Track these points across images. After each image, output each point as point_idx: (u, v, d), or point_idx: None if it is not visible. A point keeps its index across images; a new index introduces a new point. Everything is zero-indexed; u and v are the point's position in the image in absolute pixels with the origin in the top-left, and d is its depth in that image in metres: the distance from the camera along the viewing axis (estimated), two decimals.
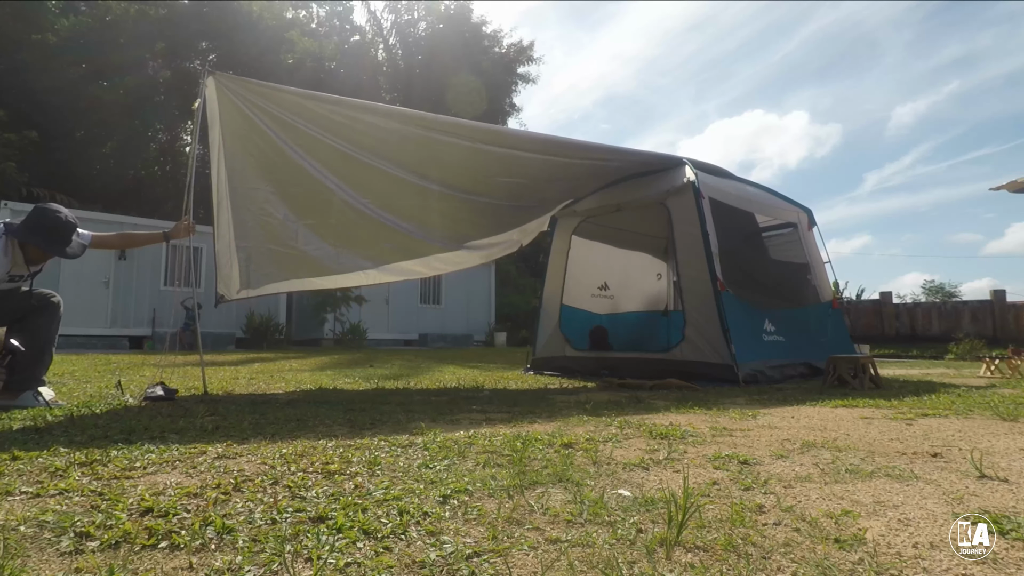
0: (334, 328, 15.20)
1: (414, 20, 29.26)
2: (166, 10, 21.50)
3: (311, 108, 4.12)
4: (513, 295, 20.82)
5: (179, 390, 3.79)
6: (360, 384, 4.89)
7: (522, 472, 1.78)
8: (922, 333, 16.27)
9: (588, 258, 6.84)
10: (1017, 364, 6.21)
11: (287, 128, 4.14)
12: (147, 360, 7.86)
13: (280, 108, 4.07)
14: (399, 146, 4.45)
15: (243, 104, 3.99)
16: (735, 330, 4.91)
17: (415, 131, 4.40)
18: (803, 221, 6.47)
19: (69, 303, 3.15)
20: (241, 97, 3.98)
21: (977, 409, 3.31)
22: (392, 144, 4.43)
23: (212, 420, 2.77)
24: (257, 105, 4.02)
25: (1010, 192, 11.12)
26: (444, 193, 4.87)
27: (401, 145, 4.46)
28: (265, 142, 4.17)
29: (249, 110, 4.01)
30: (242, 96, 3.98)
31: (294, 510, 1.41)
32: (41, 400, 3.13)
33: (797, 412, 3.25)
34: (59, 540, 1.21)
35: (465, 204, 5.12)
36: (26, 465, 1.82)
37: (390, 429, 2.58)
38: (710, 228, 5.12)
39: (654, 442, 2.32)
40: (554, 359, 6.40)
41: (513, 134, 6.13)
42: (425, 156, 4.56)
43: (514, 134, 6.20)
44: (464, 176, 4.86)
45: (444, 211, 5.07)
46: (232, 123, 4.05)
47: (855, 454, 2.11)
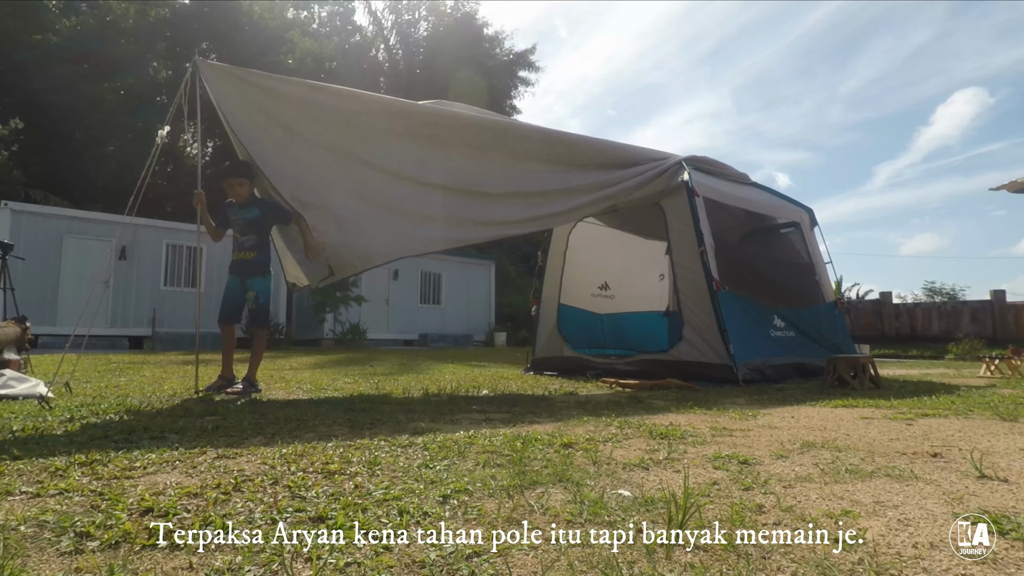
0: (334, 328, 15.21)
1: (415, 20, 29.32)
2: (166, 10, 21.51)
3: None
4: (513, 295, 20.82)
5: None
6: (360, 384, 4.89)
7: (522, 472, 1.78)
8: (922, 333, 16.28)
9: (588, 258, 6.84)
10: (1017, 364, 6.21)
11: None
12: (147, 359, 7.86)
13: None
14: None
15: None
16: (734, 329, 4.91)
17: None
18: (805, 220, 6.47)
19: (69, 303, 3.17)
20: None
21: (977, 409, 3.31)
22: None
23: (212, 420, 2.77)
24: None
25: (1010, 192, 11.11)
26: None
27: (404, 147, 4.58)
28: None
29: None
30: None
31: (294, 510, 1.41)
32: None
33: (797, 412, 3.25)
34: (59, 540, 1.21)
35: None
36: (26, 465, 1.82)
37: (390, 429, 2.58)
38: (705, 227, 5.11)
39: (654, 442, 2.32)
40: (554, 359, 6.40)
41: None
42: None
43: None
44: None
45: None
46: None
47: (855, 454, 2.11)
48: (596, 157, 5.13)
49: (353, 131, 4.44)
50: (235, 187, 4.11)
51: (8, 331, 4.80)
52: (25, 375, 4.01)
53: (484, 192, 4.76)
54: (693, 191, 5.18)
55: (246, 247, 4.15)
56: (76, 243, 12.72)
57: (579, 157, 5.02)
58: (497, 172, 4.80)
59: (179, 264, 14.02)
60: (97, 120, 20.00)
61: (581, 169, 5.00)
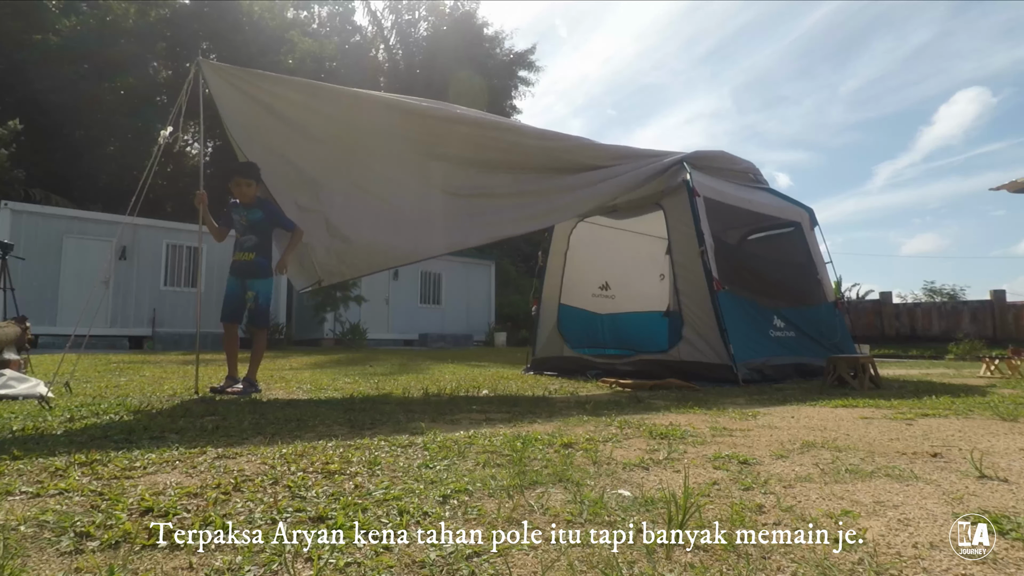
0: (334, 328, 15.21)
1: (415, 20, 29.33)
2: (166, 10, 21.51)
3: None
4: (513, 295, 20.83)
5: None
6: (360, 384, 4.89)
7: (522, 472, 1.78)
8: (922, 333, 16.27)
9: (588, 258, 6.83)
10: (1017, 364, 6.21)
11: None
12: (147, 359, 7.86)
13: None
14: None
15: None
16: (734, 329, 4.90)
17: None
18: (805, 220, 6.46)
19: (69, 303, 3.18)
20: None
21: (977, 409, 3.31)
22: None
23: (212, 420, 2.77)
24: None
25: (1010, 192, 11.10)
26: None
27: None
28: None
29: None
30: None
31: (294, 510, 1.41)
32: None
33: (797, 412, 3.25)
34: (59, 540, 1.21)
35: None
36: (26, 465, 1.82)
37: (390, 429, 2.58)
38: (705, 227, 5.11)
39: (654, 442, 2.32)
40: (554, 359, 6.40)
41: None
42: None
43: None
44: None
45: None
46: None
47: (855, 454, 2.11)
48: (595, 159, 5.15)
49: (352, 133, 4.45)
50: (241, 187, 4.13)
51: (8, 331, 4.80)
52: (25, 375, 4.01)
53: (483, 194, 4.76)
54: (693, 191, 5.18)
55: (246, 248, 4.16)
56: (76, 243, 12.72)
57: (578, 160, 5.03)
58: (496, 174, 4.82)
59: (179, 264, 14.02)
60: (97, 120, 20.00)
61: (581, 170, 5.01)
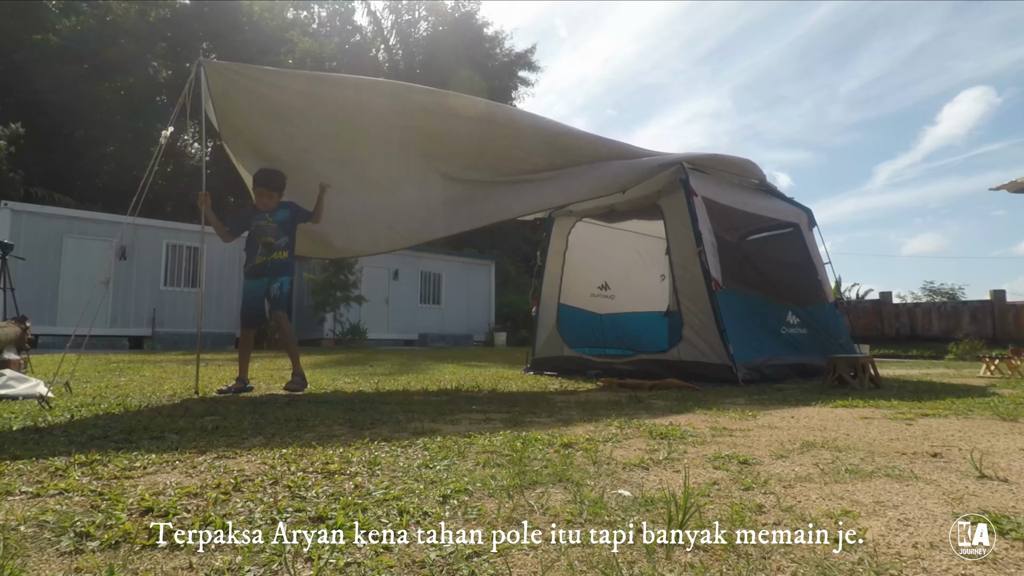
0: (334, 328, 15.21)
1: (415, 20, 29.32)
2: (166, 10, 21.53)
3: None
4: (513, 295, 20.83)
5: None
6: (360, 384, 4.89)
7: (522, 472, 1.78)
8: (922, 333, 16.28)
9: (587, 258, 6.83)
10: (1017, 364, 6.21)
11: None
12: (147, 359, 7.86)
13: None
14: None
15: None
16: (733, 329, 4.90)
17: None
18: (803, 221, 6.46)
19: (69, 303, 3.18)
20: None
21: (977, 409, 3.31)
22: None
23: (212, 420, 2.77)
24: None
25: (1010, 192, 11.10)
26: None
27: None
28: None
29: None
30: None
31: (294, 510, 1.41)
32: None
33: (797, 412, 3.25)
34: (59, 540, 1.21)
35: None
36: (26, 465, 1.82)
37: (390, 429, 2.58)
38: (703, 227, 5.10)
39: (654, 442, 2.32)
40: (553, 359, 6.40)
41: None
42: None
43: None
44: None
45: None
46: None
47: (855, 454, 2.11)
48: (595, 153, 5.17)
49: (352, 123, 4.49)
50: (263, 197, 4.25)
51: (8, 331, 4.80)
52: (25, 375, 4.01)
53: (481, 180, 4.86)
54: (691, 191, 5.17)
55: (280, 247, 4.29)
56: (76, 243, 12.72)
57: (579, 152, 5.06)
58: (495, 162, 4.88)
59: (179, 264, 14.03)
60: (97, 120, 20.02)
61: (579, 160, 5.07)
